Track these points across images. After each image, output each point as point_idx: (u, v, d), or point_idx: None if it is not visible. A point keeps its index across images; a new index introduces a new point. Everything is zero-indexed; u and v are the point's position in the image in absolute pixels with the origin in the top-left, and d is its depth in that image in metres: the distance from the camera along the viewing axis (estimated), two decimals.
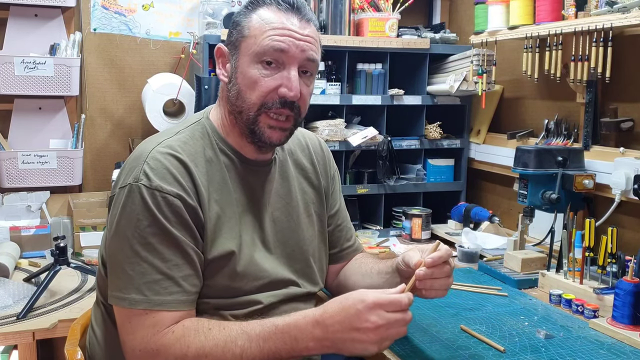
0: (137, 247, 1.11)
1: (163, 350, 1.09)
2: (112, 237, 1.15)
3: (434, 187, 2.55)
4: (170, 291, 1.11)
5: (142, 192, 1.12)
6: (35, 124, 2.42)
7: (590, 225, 1.60)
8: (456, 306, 1.59)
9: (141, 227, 1.11)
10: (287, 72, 1.19)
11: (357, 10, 2.47)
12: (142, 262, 1.10)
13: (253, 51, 1.19)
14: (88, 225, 2.25)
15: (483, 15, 2.29)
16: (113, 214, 1.16)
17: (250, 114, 1.21)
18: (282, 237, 1.32)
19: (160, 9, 2.59)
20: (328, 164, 1.50)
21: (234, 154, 1.27)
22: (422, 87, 2.50)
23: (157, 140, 1.21)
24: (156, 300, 1.10)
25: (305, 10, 1.23)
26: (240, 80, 1.21)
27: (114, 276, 1.14)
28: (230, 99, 1.24)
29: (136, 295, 1.10)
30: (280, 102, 1.20)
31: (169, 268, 1.12)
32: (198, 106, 2.18)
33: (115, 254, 1.14)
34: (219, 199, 1.21)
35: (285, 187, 1.36)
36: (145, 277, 1.10)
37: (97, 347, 1.29)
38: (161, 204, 1.12)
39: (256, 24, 1.20)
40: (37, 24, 2.39)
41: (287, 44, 1.18)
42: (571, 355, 1.30)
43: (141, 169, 1.14)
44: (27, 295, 1.78)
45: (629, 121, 1.93)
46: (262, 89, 1.19)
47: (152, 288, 1.10)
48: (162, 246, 1.12)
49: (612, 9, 1.77)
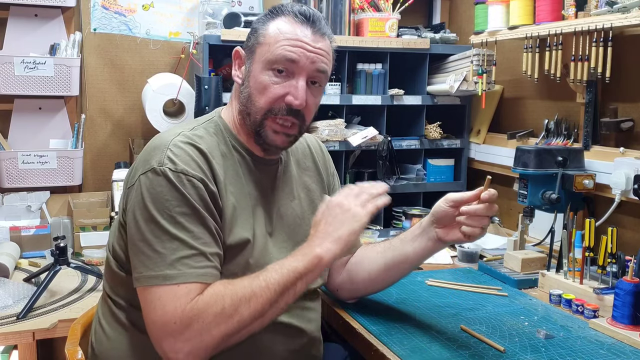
0: (168, 225, 1.13)
1: (201, 313, 1.10)
2: (137, 221, 1.16)
3: (434, 187, 2.55)
4: (203, 265, 1.14)
5: (168, 174, 1.15)
6: (35, 124, 2.42)
7: (590, 225, 1.60)
8: (456, 306, 1.59)
9: (170, 207, 1.14)
10: (295, 82, 1.26)
11: (357, 10, 2.47)
12: (174, 240, 1.13)
13: (266, 58, 1.26)
14: (88, 225, 2.25)
15: (483, 15, 2.29)
16: (136, 200, 1.17)
17: (257, 117, 1.27)
18: (288, 232, 1.37)
19: (160, 9, 2.59)
20: (328, 163, 1.56)
21: (245, 152, 1.32)
22: (422, 87, 2.49)
23: (174, 132, 1.25)
24: (191, 273, 1.12)
25: (321, 24, 1.29)
26: (252, 83, 1.28)
27: (143, 257, 1.14)
28: (242, 100, 1.30)
29: (169, 270, 1.12)
30: (286, 110, 1.26)
31: (200, 244, 1.15)
32: (198, 106, 2.18)
33: (142, 235, 1.14)
34: (234, 191, 1.25)
35: (288, 186, 1.41)
36: (177, 253, 1.13)
37: (104, 341, 1.29)
38: (187, 186, 1.16)
39: (272, 32, 1.27)
40: (37, 24, 2.39)
41: (298, 54, 1.25)
42: (571, 355, 1.30)
43: (165, 155, 1.18)
44: (27, 295, 1.78)
45: (629, 121, 1.93)
46: (270, 95, 1.25)
47: (185, 263, 1.12)
48: (191, 225, 1.15)
49: (612, 9, 1.77)
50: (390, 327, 1.44)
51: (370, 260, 1.49)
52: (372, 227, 2.46)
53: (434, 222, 1.42)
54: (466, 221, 1.34)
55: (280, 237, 1.35)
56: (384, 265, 1.47)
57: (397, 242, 1.48)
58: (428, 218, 1.44)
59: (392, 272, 1.47)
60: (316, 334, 1.39)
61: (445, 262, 2.02)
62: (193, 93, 2.26)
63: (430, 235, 1.42)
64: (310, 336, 1.35)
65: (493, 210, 1.33)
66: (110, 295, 1.30)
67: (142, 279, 1.14)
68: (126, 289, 1.24)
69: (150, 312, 1.13)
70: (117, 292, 1.28)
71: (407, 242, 1.46)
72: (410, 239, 1.46)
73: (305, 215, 1.42)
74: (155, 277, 1.12)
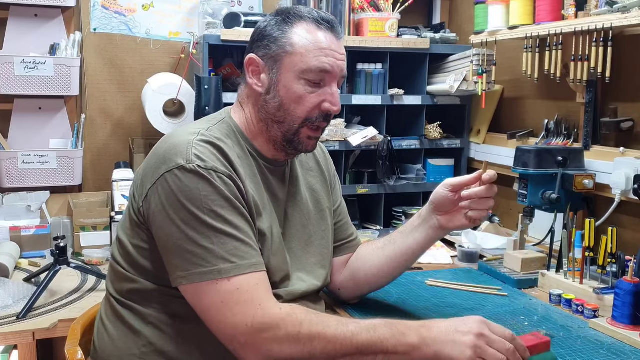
0: (210, 220, 1.13)
1: (274, 325, 1.08)
2: (173, 220, 1.14)
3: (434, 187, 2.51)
4: (252, 254, 1.15)
5: (200, 171, 1.15)
6: (35, 124, 2.42)
7: (590, 225, 1.60)
8: (456, 306, 1.59)
9: (209, 202, 1.14)
10: (329, 89, 1.28)
11: (357, 10, 2.47)
12: (219, 234, 1.13)
13: (299, 68, 1.26)
14: (88, 225, 2.25)
15: (483, 15, 2.29)
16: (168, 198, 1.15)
17: (294, 126, 1.29)
18: (296, 232, 1.38)
19: (160, 9, 2.59)
20: (329, 164, 1.57)
21: (256, 154, 1.33)
22: (422, 87, 2.50)
23: (190, 131, 1.24)
24: (244, 264, 1.13)
25: (339, 29, 1.31)
26: (283, 93, 1.28)
27: (189, 255, 1.12)
28: (269, 109, 1.29)
29: (223, 264, 1.11)
30: (323, 117, 1.30)
31: (244, 235, 1.16)
32: (198, 106, 2.18)
33: (185, 233, 1.13)
34: (252, 188, 1.26)
35: (294, 187, 1.42)
36: (226, 246, 1.13)
37: (107, 340, 1.28)
38: (219, 182, 1.16)
39: (300, 41, 1.26)
40: (37, 24, 2.39)
41: (332, 65, 1.27)
42: (571, 355, 1.30)
43: (191, 153, 1.17)
44: (27, 295, 1.78)
45: (629, 121, 1.93)
46: (308, 105, 1.27)
47: (236, 254, 1.13)
48: (232, 217, 1.15)
49: (612, 9, 1.78)
50: None
51: (372, 256, 1.49)
52: (372, 227, 2.47)
53: (434, 209, 1.42)
54: (471, 205, 1.36)
55: (289, 238, 1.36)
56: (386, 259, 1.47)
57: (397, 235, 1.49)
58: (427, 207, 1.44)
59: (395, 265, 1.47)
60: None
61: (445, 262, 2.02)
62: (193, 93, 2.26)
63: (432, 224, 1.42)
64: None
65: (494, 190, 1.36)
66: (113, 294, 1.30)
67: (191, 276, 1.12)
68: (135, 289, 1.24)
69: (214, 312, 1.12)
70: (122, 292, 1.27)
71: (407, 234, 1.46)
72: (410, 230, 1.46)
73: (311, 215, 1.43)
74: (209, 273, 1.11)
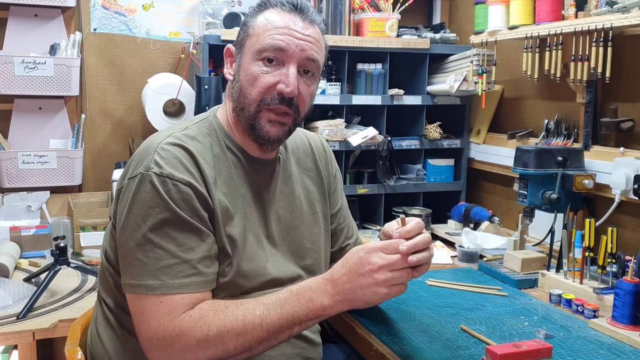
0: (150, 234, 1.12)
1: (183, 335, 1.09)
2: (123, 227, 1.15)
3: (434, 187, 2.55)
4: (186, 274, 1.13)
5: (153, 180, 1.14)
6: (35, 124, 2.42)
7: (590, 225, 1.60)
8: (456, 306, 1.59)
9: (153, 214, 1.12)
10: (285, 69, 1.24)
11: (357, 10, 2.47)
12: (156, 248, 1.12)
13: (255, 49, 1.24)
14: (88, 225, 2.25)
15: (483, 15, 2.29)
16: (123, 204, 1.17)
17: (251, 109, 1.25)
18: (286, 235, 1.35)
19: (160, 9, 2.59)
20: (330, 163, 1.53)
21: (240, 152, 1.30)
22: (422, 87, 2.50)
23: (165, 133, 1.24)
24: (173, 283, 1.11)
25: (309, 12, 1.28)
26: (242, 76, 1.26)
27: (127, 265, 1.14)
28: (234, 96, 1.28)
29: (152, 280, 1.11)
30: (279, 99, 1.23)
31: (183, 252, 1.13)
32: (198, 106, 2.18)
33: (127, 242, 1.14)
34: (226, 193, 1.23)
35: (288, 186, 1.38)
36: (160, 263, 1.11)
37: (99, 345, 1.29)
38: (172, 191, 1.14)
39: (260, 23, 1.26)
40: (37, 24, 2.39)
41: (287, 42, 1.23)
42: (571, 355, 1.30)
43: (152, 159, 1.16)
44: (27, 295, 1.78)
45: (629, 121, 1.93)
46: (261, 85, 1.23)
47: (167, 272, 1.11)
48: (175, 231, 1.13)
49: (612, 9, 1.77)
50: (390, 327, 1.44)
51: None
52: (372, 227, 2.47)
53: None
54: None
55: (278, 240, 1.33)
56: None
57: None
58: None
59: None
60: (314, 337, 1.38)
61: (445, 262, 2.02)
62: (193, 93, 2.26)
63: None
64: (308, 340, 1.34)
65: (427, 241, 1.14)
66: (104, 298, 1.30)
67: (127, 287, 1.14)
68: (118, 293, 1.24)
69: (136, 320, 1.14)
70: (110, 296, 1.28)
71: None
72: None
73: (305, 217, 1.40)
74: (138, 287, 1.12)
